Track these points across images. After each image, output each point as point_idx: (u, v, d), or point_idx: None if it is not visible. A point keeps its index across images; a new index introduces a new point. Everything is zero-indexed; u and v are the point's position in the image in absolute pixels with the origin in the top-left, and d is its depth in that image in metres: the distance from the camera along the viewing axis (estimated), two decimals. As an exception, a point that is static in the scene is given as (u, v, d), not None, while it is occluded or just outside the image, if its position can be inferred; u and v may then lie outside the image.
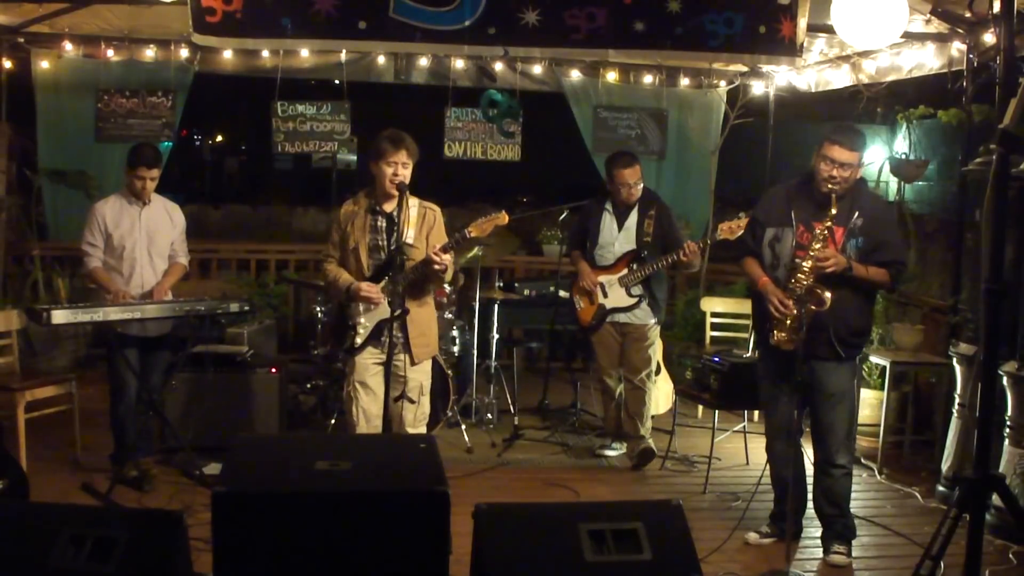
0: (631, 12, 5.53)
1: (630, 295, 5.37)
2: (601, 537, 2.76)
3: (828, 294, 3.87)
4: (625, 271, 5.38)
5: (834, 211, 3.95)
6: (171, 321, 4.88)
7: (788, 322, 4.04)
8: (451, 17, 5.42)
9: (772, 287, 4.14)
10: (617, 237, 5.42)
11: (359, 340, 4.41)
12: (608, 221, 5.46)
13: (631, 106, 7.99)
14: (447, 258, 4.29)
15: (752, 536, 4.41)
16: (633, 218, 5.40)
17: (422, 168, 4.43)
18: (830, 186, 3.99)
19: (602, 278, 5.44)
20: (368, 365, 4.41)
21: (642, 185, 5.42)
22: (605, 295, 5.43)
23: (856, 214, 4.04)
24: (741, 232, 4.71)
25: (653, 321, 5.43)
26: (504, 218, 4.42)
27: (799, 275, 4.00)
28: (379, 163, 4.32)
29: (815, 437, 4.26)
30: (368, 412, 4.38)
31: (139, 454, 4.90)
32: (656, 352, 5.60)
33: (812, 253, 3.97)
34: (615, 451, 5.65)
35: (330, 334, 5.14)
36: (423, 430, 4.54)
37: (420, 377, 4.47)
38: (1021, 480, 4.40)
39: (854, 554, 4.23)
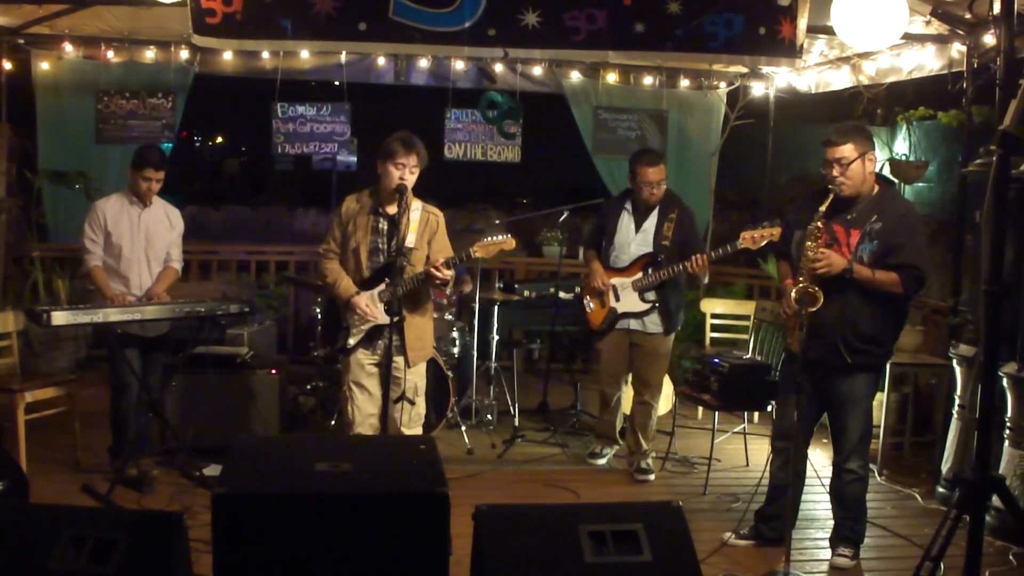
0: (631, 13, 5.54)
1: (643, 300, 5.13)
2: (601, 538, 2.76)
3: (820, 295, 3.84)
4: (639, 275, 5.13)
5: (823, 208, 3.88)
6: (171, 322, 4.90)
7: (793, 324, 4.02)
8: (451, 18, 5.43)
9: (787, 290, 4.11)
10: (634, 239, 5.19)
11: (352, 341, 4.43)
12: (626, 221, 5.23)
13: (631, 107, 7.98)
14: (449, 273, 4.30)
15: (727, 535, 4.38)
16: (653, 220, 5.17)
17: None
18: (835, 186, 3.95)
19: (615, 280, 5.20)
20: (364, 365, 4.44)
21: (665, 186, 5.19)
22: (617, 298, 5.19)
23: (875, 217, 3.95)
24: (764, 242, 4.55)
25: (661, 331, 5.18)
26: (511, 243, 4.43)
27: (800, 277, 3.98)
28: (387, 163, 4.30)
29: (832, 439, 4.25)
30: (364, 411, 4.42)
31: (139, 455, 4.90)
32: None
33: (808, 254, 3.93)
34: (604, 458, 5.56)
35: (323, 330, 5.14)
36: (418, 430, 4.56)
37: (416, 379, 4.51)
38: (1021, 481, 4.40)
39: (853, 555, 4.23)
